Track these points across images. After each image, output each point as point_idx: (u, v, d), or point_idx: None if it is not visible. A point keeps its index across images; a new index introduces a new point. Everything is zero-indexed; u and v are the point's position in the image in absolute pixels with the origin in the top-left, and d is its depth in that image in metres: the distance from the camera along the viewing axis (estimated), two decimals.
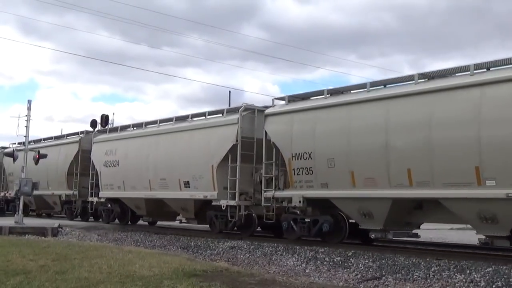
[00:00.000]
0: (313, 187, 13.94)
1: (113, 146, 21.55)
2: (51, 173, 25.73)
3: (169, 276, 8.40)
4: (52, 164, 25.23)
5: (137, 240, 17.35)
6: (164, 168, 18.58)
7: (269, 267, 12.39)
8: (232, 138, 16.01)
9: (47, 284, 7.85)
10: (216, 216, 17.07)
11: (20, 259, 10.32)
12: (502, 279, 9.07)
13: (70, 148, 24.94)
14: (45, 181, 25.67)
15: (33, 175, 24.79)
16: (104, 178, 21.83)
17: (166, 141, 18.88)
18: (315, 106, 14.41)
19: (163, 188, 18.60)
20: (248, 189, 16.12)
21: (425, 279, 9.85)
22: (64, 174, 24.85)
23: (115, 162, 21.15)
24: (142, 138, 20.34)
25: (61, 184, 25.11)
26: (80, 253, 11.33)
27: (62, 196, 25.23)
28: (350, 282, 10.51)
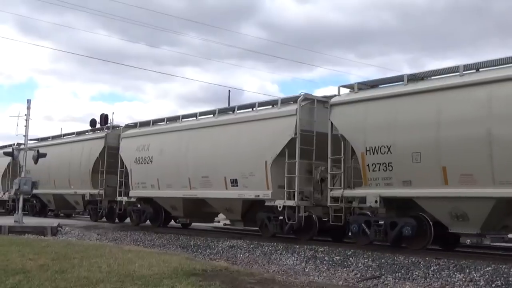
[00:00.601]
0: (392, 185, 12.32)
1: (146, 142, 19.92)
2: (73, 171, 24.22)
3: (169, 275, 8.40)
4: (74, 161, 24.04)
5: (136, 239, 17.35)
6: (207, 165, 17.02)
7: (268, 266, 12.39)
8: (289, 131, 14.45)
9: (46, 284, 7.85)
10: (268, 218, 15.48)
11: (19, 258, 10.31)
12: (501, 278, 9.08)
13: (94, 144, 23.18)
14: (66, 179, 24.54)
15: (53, 173, 24.89)
16: (135, 176, 20.14)
17: (209, 136, 17.36)
18: (395, 93, 12.67)
19: (205, 186, 17.08)
20: (306, 188, 14.53)
21: (424, 278, 9.86)
22: (88, 172, 23.12)
23: (148, 158, 19.53)
24: (180, 133, 18.68)
25: (85, 183, 23.34)
26: (80, 252, 11.32)
27: (86, 196, 23.33)
28: (349, 281, 10.52)
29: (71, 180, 24.23)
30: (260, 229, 16.14)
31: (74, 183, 24.06)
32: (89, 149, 23.30)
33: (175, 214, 19.70)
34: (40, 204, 28.02)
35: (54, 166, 24.99)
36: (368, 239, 13.06)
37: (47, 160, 24.44)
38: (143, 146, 19.94)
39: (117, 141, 21.89)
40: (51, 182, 25.60)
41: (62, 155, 24.90)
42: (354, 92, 13.69)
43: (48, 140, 27.82)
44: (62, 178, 24.68)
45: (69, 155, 24.17)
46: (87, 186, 23.20)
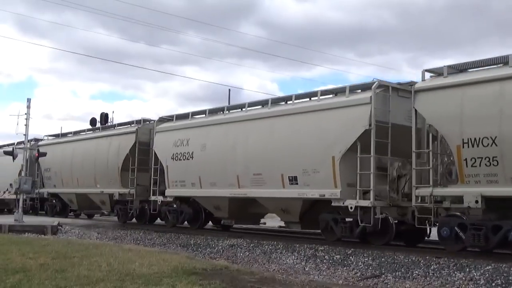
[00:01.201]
0: (497, 182, 10.74)
1: (185, 136, 18.07)
2: (100, 169, 22.04)
3: (169, 274, 8.41)
4: (101, 158, 22.00)
5: (136, 238, 17.35)
6: (260, 161, 15.28)
7: (268, 265, 12.40)
8: (363, 122, 12.76)
9: (46, 283, 7.85)
10: (335, 221, 13.74)
11: (19, 257, 10.32)
12: (501, 277, 9.07)
13: (124, 139, 21.08)
14: (91, 178, 22.57)
15: (77, 171, 23.46)
16: (172, 174, 18.35)
17: (262, 128, 15.56)
18: (502, 76, 10.89)
19: (257, 185, 15.33)
20: (379, 186, 12.90)
21: (424, 277, 9.86)
22: (117, 170, 20.91)
23: (187, 154, 17.74)
24: (226, 126, 16.83)
25: (113, 181, 21.18)
26: (80, 251, 11.34)
27: (114, 195, 21.13)
28: (349, 280, 10.53)
29: (97, 179, 22.23)
30: (323, 233, 14.43)
31: (101, 181, 22.05)
32: (117, 145, 21.33)
33: (219, 215, 18.01)
34: (60, 204, 26.31)
35: (77, 163, 23.56)
36: (463, 244, 11.51)
37: (68, 157, 23.86)
38: (181, 141, 18.15)
39: (148, 136, 20.30)
40: (74, 180, 23.82)
41: (87, 151, 23.11)
42: (443, 77, 12.04)
43: (69, 136, 26.16)
44: (86, 176, 22.83)
45: (95, 151, 22.33)
46: (115, 185, 21.11)
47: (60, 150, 25.06)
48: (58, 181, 25.21)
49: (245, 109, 16.54)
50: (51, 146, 25.99)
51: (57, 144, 25.84)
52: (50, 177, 25.92)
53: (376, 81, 13.10)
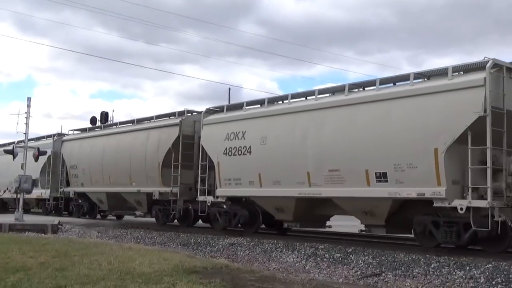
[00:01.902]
0: None
1: (240, 128, 16.04)
2: (136, 165, 19.82)
3: (169, 273, 8.42)
4: (137, 153, 19.80)
5: (137, 237, 17.35)
6: (337, 154, 13.29)
7: (269, 263, 12.41)
8: (476, 108, 10.85)
9: (47, 281, 7.86)
10: (435, 224, 11.78)
11: (20, 256, 10.33)
12: (501, 275, 9.08)
13: (166, 132, 18.88)
14: (125, 175, 20.31)
15: (108, 168, 21.43)
16: (225, 171, 16.30)
17: (339, 117, 13.54)
18: None
19: (333, 182, 13.35)
20: (483, 183, 10.91)
21: (424, 275, 9.86)
22: (157, 167, 18.80)
23: (244, 149, 15.66)
24: (293, 116, 14.75)
25: (152, 179, 19.08)
26: (80, 250, 11.34)
27: (154, 195, 18.92)
28: (350, 278, 10.54)
29: (133, 176, 19.99)
30: (418, 238, 12.60)
31: (137, 179, 19.80)
32: (157, 139, 19.19)
33: (281, 217, 15.76)
34: (88, 204, 24.17)
35: (109, 159, 21.40)
36: None
37: (98, 152, 22.06)
38: (235, 134, 16.07)
39: (192, 129, 18.36)
40: (105, 178, 21.62)
41: (121, 146, 20.95)
42: None
43: (96, 130, 24.25)
44: (120, 174, 20.63)
45: (130, 146, 20.18)
46: (155, 183, 18.99)
47: (88, 145, 23.16)
48: (86, 179, 23.02)
49: (315, 96, 14.39)
50: (78, 141, 24.33)
51: (85, 139, 23.79)
52: (76, 175, 23.70)
53: (489, 60, 11.19)
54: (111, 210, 23.82)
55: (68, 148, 24.91)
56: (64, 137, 25.87)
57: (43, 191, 26.13)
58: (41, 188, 25.98)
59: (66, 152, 24.91)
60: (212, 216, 17.49)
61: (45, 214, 26.25)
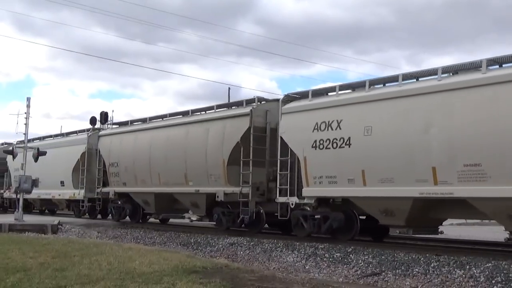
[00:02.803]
0: None
1: (333, 116, 13.53)
2: (194, 163, 17.39)
3: (169, 272, 8.42)
4: (196, 148, 17.33)
5: (137, 237, 17.35)
6: (478, 146, 10.90)
7: (269, 263, 12.41)
8: None
9: (47, 281, 7.85)
10: None
11: (20, 257, 10.33)
12: (501, 274, 9.08)
13: (232, 124, 16.46)
14: (180, 173, 17.82)
15: (157, 165, 18.79)
16: (314, 167, 13.88)
17: (478, 101, 11.02)
18: None
19: (471, 180, 10.98)
20: None
21: (424, 274, 9.87)
22: (222, 164, 16.32)
23: (340, 140, 13.29)
24: (409, 100, 12.30)
25: (216, 178, 16.67)
26: (80, 250, 11.34)
27: (218, 196, 16.37)
28: (350, 278, 10.54)
29: (190, 175, 17.46)
30: None
31: (196, 178, 17.30)
32: (220, 132, 16.70)
33: (388, 221, 13.25)
34: (131, 206, 20.97)
35: (158, 156, 18.84)
36: None
37: (145, 148, 19.55)
38: (328, 123, 13.60)
39: (264, 120, 15.95)
40: (153, 177, 19.01)
41: (173, 141, 18.42)
42: None
43: (139, 123, 21.27)
44: (173, 172, 18.14)
45: (186, 140, 17.76)
46: (219, 183, 16.57)
47: (131, 140, 20.57)
48: (130, 178, 20.27)
49: (438, 76, 11.96)
50: (118, 136, 21.66)
51: (127, 134, 21.12)
52: (117, 174, 20.90)
53: None
54: (158, 213, 20.94)
55: (107, 144, 21.93)
56: (101, 132, 23.05)
57: (76, 192, 23.68)
58: (74, 188, 23.85)
59: (104, 148, 21.99)
60: (295, 221, 14.69)
61: (78, 216, 24.55)
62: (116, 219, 21.52)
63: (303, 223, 14.33)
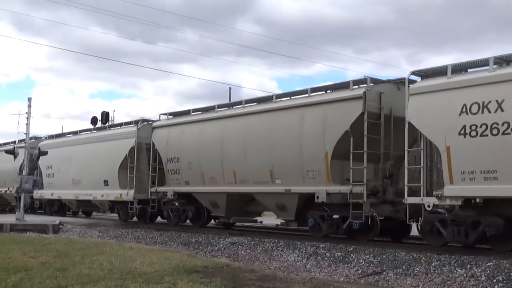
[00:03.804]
0: None
1: (490, 95, 10.83)
2: (283, 156, 14.65)
3: (170, 272, 8.42)
4: (284, 140, 14.64)
5: (138, 237, 17.36)
6: None
7: (270, 263, 12.41)
8: None
9: (48, 281, 7.86)
10: None
11: (21, 256, 10.34)
12: (502, 273, 9.08)
13: (338, 110, 13.68)
14: (264, 169, 15.05)
15: (233, 161, 16.08)
16: (462, 160, 11.09)
17: None
18: None
19: None
20: None
21: (425, 274, 9.87)
22: (324, 158, 13.61)
23: (503, 125, 10.54)
24: None
25: (314, 175, 13.89)
26: (81, 250, 11.36)
27: (318, 196, 13.67)
28: (351, 277, 10.54)
29: (278, 171, 14.81)
30: None
31: (284, 175, 14.65)
32: (319, 120, 14.00)
33: None
34: (194, 208, 18.33)
35: (233, 149, 16.18)
36: None
37: (214, 140, 16.88)
38: (482, 105, 10.91)
39: (378, 104, 13.40)
40: (226, 175, 16.32)
41: (254, 131, 15.76)
42: None
43: (204, 112, 18.41)
44: (254, 169, 15.43)
45: (271, 130, 15.07)
46: (319, 181, 13.76)
47: (196, 132, 17.86)
48: (194, 176, 17.51)
49: None
50: (178, 127, 18.79)
51: (190, 124, 18.38)
52: (178, 171, 18.18)
53: None
54: (228, 216, 18.01)
55: (163, 137, 19.06)
56: (155, 123, 20.06)
57: (124, 192, 20.05)
58: (120, 188, 20.25)
59: (160, 141, 19.14)
60: (429, 227, 12.06)
61: (124, 220, 21.32)
62: (174, 223, 18.99)
63: (442, 229, 11.72)
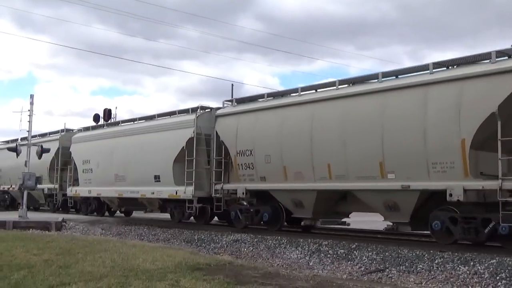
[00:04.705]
0: None
1: None
2: (396, 145, 12.30)
3: (173, 269, 8.43)
4: (400, 125, 12.23)
5: (140, 234, 17.38)
6: None
7: (272, 260, 12.41)
8: None
9: (50, 279, 7.86)
10: None
11: (24, 254, 10.36)
12: (506, 270, 9.06)
13: (479, 88, 11.06)
14: (371, 161, 12.70)
15: (327, 151, 13.67)
16: None
17: None
18: None
19: None
20: None
21: (429, 271, 9.85)
22: (459, 147, 11.22)
23: None
24: None
25: (443, 168, 11.55)
26: (84, 247, 11.37)
27: (452, 193, 11.25)
28: (353, 274, 10.53)
29: (390, 164, 12.39)
30: None
31: (400, 168, 12.24)
32: (453, 100, 11.46)
33: None
34: (271, 210, 15.70)
35: (327, 138, 13.75)
36: None
37: (302, 128, 14.41)
38: None
39: None
40: (317, 168, 13.97)
41: (355, 117, 13.22)
42: None
43: (278, 97, 16.05)
44: (357, 161, 13.10)
45: (382, 115, 12.60)
46: (450, 175, 11.37)
47: (275, 120, 15.35)
48: (274, 172, 15.18)
49: None
50: (250, 115, 16.35)
51: (266, 111, 15.91)
52: (251, 165, 15.85)
53: None
54: (315, 217, 15.14)
55: (231, 126, 16.77)
56: (219, 110, 17.70)
57: (180, 189, 17.81)
58: (176, 184, 18.05)
59: (227, 131, 16.90)
60: None
61: (178, 220, 19.10)
62: (243, 226, 16.53)
63: None
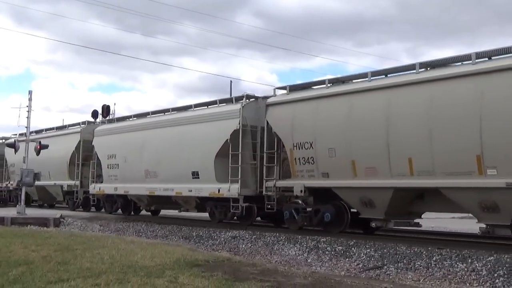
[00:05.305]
0: None
1: None
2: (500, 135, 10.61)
3: (171, 266, 8.43)
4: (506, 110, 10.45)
5: (139, 231, 17.38)
6: None
7: (271, 257, 12.42)
8: None
9: (49, 275, 7.85)
10: None
11: (22, 250, 10.34)
12: (503, 268, 9.08)
13: None
14: (467, 155, 11.03)
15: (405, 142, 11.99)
16: None
17: None
18: None
19: None
20: None
21: (426, 268, 9.86)
22: None
23: None
24: None
25: None
26: (82, 243, 11.36)
27: None
28: (351, 271, 10.54)
29: (491, 158, 10.74)
30: None
31: (506, 164, 10.53)
32: None
33: None
34: (334, 210, 14.05)
35: (407, 129, 12.12)
36: None
37: (375, 118, 12.74)
38: None
39: None
40: (394, 163, 12.37)
41: (447, 104, 11.47)
42: None
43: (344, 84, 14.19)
44: (445, 154, 11.46)
45: (480, 100, 10.90)
46: None
47: (341, 108, 13.61)
48: (339, 167, 13.51)
49: None
50: (307, 103, 14.60)
51: (327, 98, 14.09)
52: (310, 160, 14.15)
53: None
54: (387, 218, 13.06)
55: (285, 116, 15.00)
56: (270, 99, 15.77)
57: (224, 187, 16.13)
58: (217, 181, 16.45)
59: (281, 122, 15.16)
60: None
61: (219, 220, 17.32)
62: (298, 227, 14.86)
63: None
